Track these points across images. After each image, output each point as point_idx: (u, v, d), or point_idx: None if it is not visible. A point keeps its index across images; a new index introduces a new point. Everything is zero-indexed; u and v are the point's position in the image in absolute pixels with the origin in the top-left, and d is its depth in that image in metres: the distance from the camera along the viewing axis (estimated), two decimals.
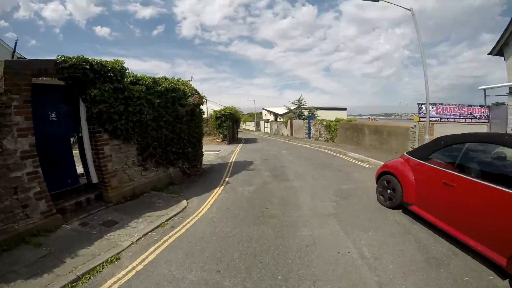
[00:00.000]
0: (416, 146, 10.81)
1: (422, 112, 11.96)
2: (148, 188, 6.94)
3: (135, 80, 6.49)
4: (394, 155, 10.87)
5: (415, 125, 12.23)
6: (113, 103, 5.69)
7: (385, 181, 5.71)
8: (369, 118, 62.90)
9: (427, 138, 9.48)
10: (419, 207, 4.69)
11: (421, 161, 4.82)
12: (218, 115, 21.63)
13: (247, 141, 25.53)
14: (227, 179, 8.71)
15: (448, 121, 12.46)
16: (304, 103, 34.47)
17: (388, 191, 5.57)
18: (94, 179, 5.89)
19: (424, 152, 4.94)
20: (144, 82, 6.68)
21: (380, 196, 5.86)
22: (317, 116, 30.75)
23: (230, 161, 12.64)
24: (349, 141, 17.68)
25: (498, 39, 11.96)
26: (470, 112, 12.64)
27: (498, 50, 12.17)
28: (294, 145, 20.50)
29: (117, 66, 5.72)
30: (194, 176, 8.93)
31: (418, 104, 12.25)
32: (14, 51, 12.84)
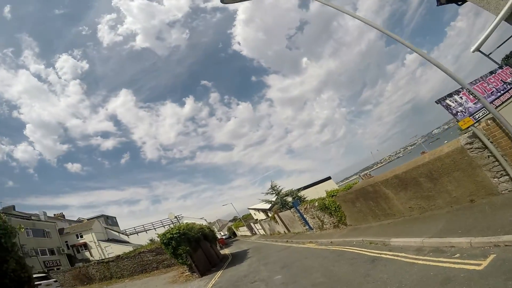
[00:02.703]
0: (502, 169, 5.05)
1: (459, 111, 6.78)
2: None
3: None
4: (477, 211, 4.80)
5: (472, 133, 6.64)
6: None
7: None
8: (360, 175, 55.07)
9: None
10: None
11: None
12: (165, 240, 14.57)
13: (234, 258, 18.84)
14: None
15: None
16: (279, 188, 28.74)
17: None
18: None
19: None
20: None
21: None
22: (304, 198, 24.69)
23: None
24: (368, 215, 11.39)
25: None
26: (501, 80, 7.81)
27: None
28: (294, 250, 13.57)
29: None
30: None
31: (440, 101, 7.06)
32: None
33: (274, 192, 29.50)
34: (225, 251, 30.70)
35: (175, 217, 46.30)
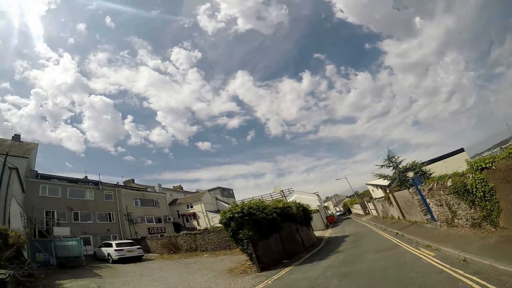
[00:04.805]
0: None
1: None
2: None
3: None
4: None
5: None
6: None
7: None
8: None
9: None
10: None
11: None
12: (224, 220, 12.22)
13: (324, 247, 15.55)
14: None
15: None
16: (398, 160, 21.40)
17: None
18: None
19: None
20: None
21: None
22: (430, 174, 17.27)
23: None
24: None
25: None
26: None
27: None
28: (400, 259, 8.61)
29: None
30: None
31: None
32: None
33: (391, 164, 22.58)
34: (327, 232, 26.84)
35: (281, 191, 44.98)
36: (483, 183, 7.52)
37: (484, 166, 7.42)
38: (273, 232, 13.52)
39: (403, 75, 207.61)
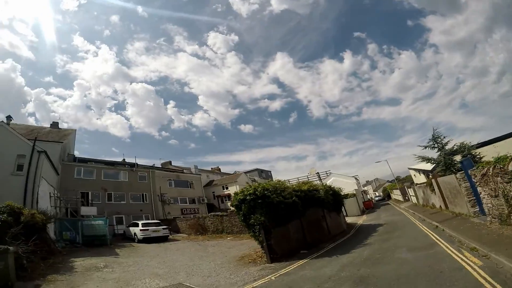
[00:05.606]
0: None
1: None
2: None
3: None
4: None
5: None
6: None
7: None
8: None
9: None
10: None
11: None
12: (236, 202, 11.22)
13: (352, 237, 14.38)
14: None
15: None
16: (444, 140, 18.38)
17: None
18: None
19: None
20: None
21: None
22: (479, 158, 14.54)
23: None
24: None
25: None
26: None
27: None
28: (436, 264, 6.98)
29: None
30: None
31: None
32: None
33: (436, 145, 19.67)
34: (361, 219, 24.89)
35: (317, 173, 42.80)
36: None
37: None
38: (293, 218, 12.20)
39: (449, 53, 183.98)
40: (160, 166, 41.65)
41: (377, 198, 62.58)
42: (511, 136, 21.06)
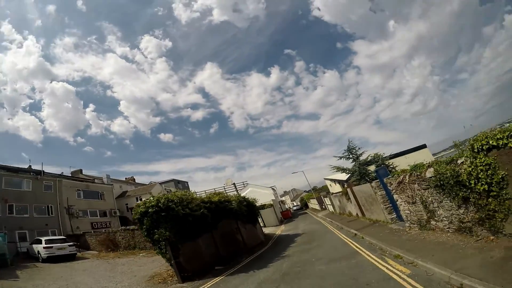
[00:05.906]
0: None
1: None
2: None
3: None
4: None
5: None
6: None
7: None
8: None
9: None
10: None
11: None
12: (137, 216, 9.05)
13: (270, 249, 13.49)
14: None
15: None
16: (358, 151, 19.58)
17: None
18: None
19: None
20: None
21: None
22: (392, 168, 15.72)
23: None
24: None
25: None
26: None
27: None
28: (374, 273, 5.99)
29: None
30: None
31: None
32: None
33: (351, 156, 20.57)
34: (280, 229, 24.56)
35: (233, 184, 41.41)
36: (489, 171, 5.16)
37: (494, 144, 5.02)
38: (203, 232, 10.61)
39: (370, 75, 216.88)
40: (70, 175, 35.24)
41: (295, 208, 65.50)
42: (420, 148, 24.40)
